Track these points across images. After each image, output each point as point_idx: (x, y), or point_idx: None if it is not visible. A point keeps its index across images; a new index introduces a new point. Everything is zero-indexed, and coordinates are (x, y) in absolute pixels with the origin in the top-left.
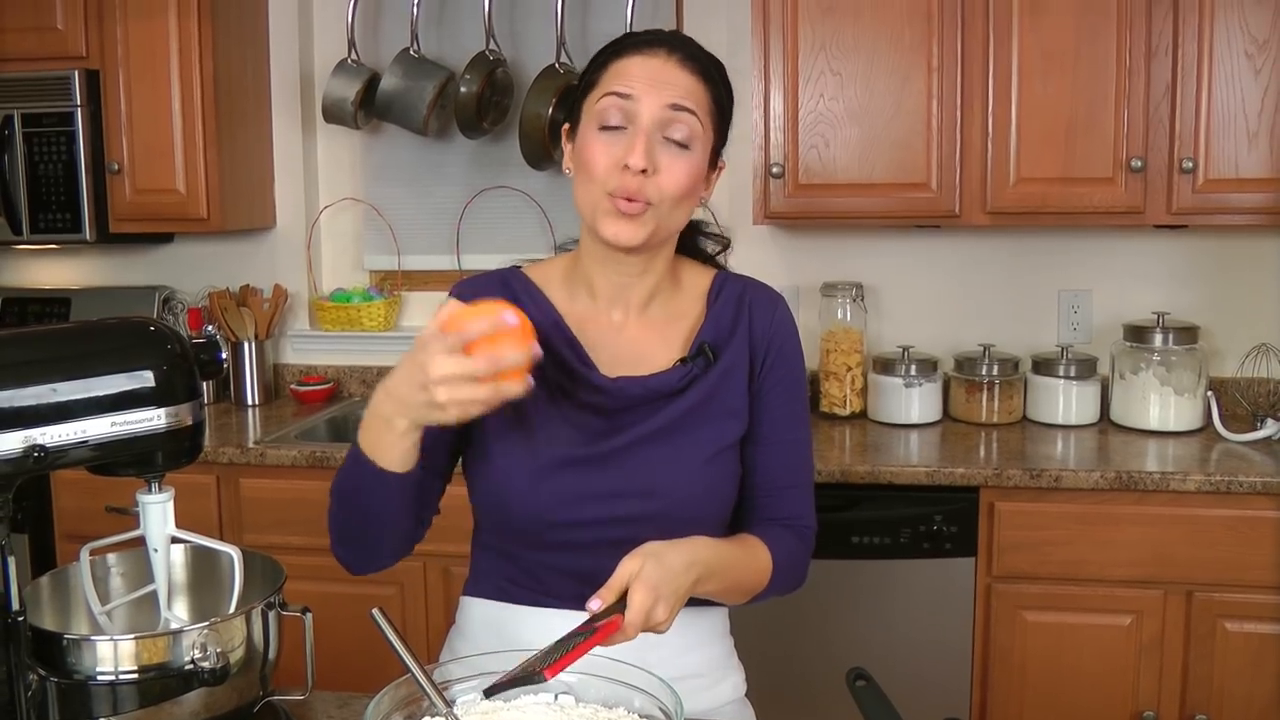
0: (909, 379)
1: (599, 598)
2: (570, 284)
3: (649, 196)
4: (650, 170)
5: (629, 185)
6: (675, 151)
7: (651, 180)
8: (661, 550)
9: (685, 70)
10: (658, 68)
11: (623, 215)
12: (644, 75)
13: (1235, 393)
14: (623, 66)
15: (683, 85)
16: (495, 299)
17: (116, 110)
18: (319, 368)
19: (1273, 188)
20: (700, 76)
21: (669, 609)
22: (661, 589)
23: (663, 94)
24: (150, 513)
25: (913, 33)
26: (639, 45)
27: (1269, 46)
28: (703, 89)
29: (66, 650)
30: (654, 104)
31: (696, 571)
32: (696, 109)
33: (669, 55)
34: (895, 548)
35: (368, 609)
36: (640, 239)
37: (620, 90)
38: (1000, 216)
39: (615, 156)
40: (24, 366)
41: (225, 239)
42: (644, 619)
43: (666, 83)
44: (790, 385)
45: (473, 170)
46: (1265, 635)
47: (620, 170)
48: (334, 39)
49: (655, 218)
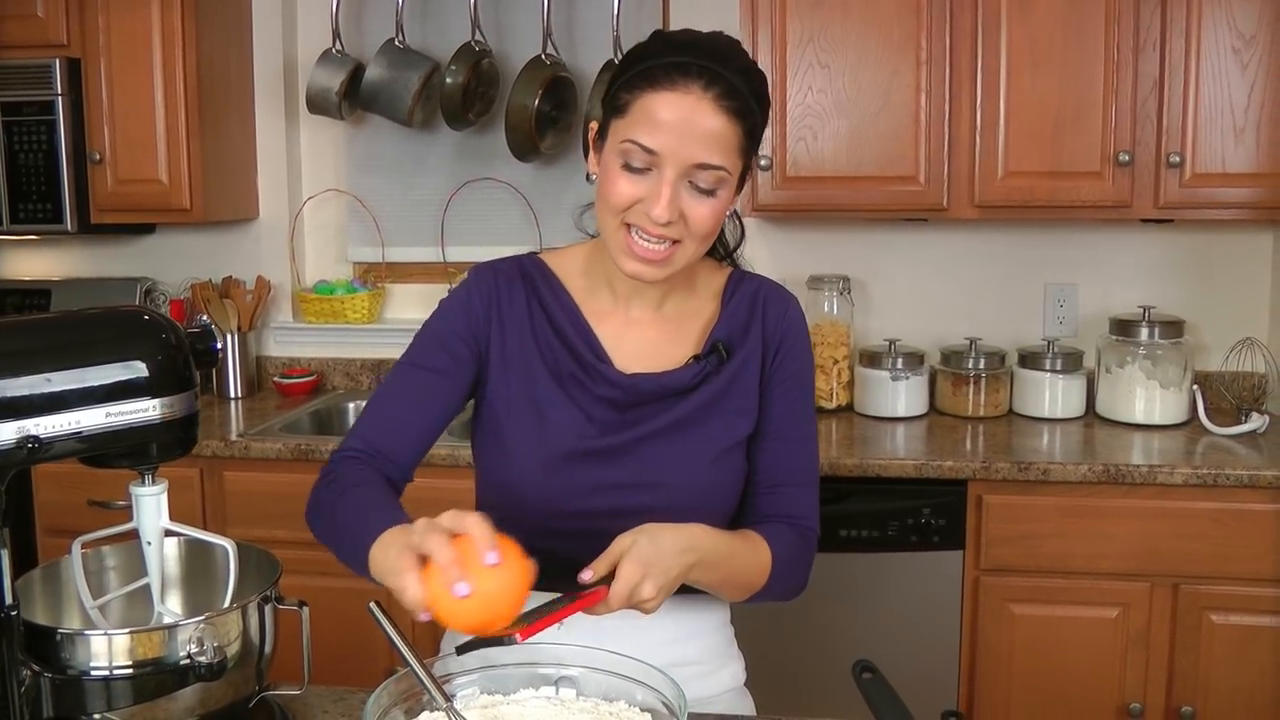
0: (896, 372)
1: (591, 568)
2: (590, 277)
3: (675, 235)
4: (675, 220)
5: (650, 230)
6: (702, 196)
7: (676, 225)
8: (658, 530)
9: (718, 113)
10: (689, 111)
11: (649, 261)
12: (673, 123)
13: (1220, 386)
14: (652, 105)
15: (712, 135)
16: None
17: (98, 99)
18: (302, 360)
19: (1259, 182)
20: (733, 115)
21: (657, 587)
22: (652, 566)
23: (690, 148)
24: (144, 505)
25: (901, 26)
26: (673, 77)
27: (1256, 42)
28: (734, 128)
29: (60, 645)
30: (681, 158)
31: (692, 557)
32: (725, 163)
33: (703, 94)
34: (883, 541)
35: (354, 602)
36: (664, 276)
37: (645, 144)
38: (988, 210)
39: (638, 194)
40: (17, 356)
41: (207, 230)
42: (629, 592)
43: (695, 136)
44: (797, 384)
45: (457, 162)
46: (1251, 627)
47: (642, 212)
48: (317, 29)
49: (681, 256)
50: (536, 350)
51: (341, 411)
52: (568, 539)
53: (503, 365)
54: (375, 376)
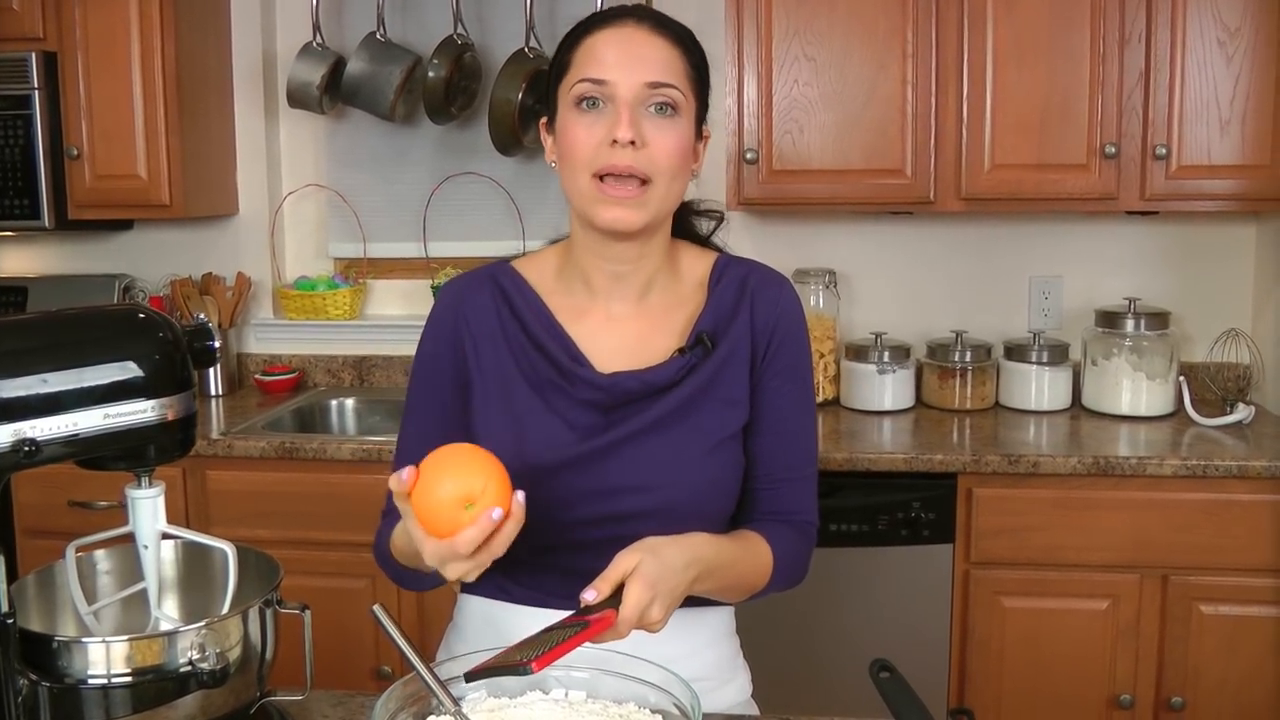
0: (882, 365)
1: (594, 588)
2: (564, 277)
3: (644, 171)
4: (639, 143)
5: (618, 162)
6: (661, 121)
7: (643, 153)
8: (660, 546)
9: (658, 38)
10: (629, 39)
11: (618, 200)
12: (617, 52)
13: (1205, 378)
14: (593, 45)
15: (658, 57)
16: (456, 445)
17: (75, 93)
18: (283, 357)
19: (1244, 174)
20: (674, 42)
21: (664, 608)
22: (659, 586)
23: (638, 71)
24: (140, 508)
25: (887, 19)
26: (606, 20)
27: (1241, 34)
28: (678, 55)
29: (58, 653)
30: (632, 83)
31: (695, 570)
32: (675, 81)
33: (638, 25)
34: (873, 535)
35: (339, 603)
36: (642, 221)
37: (594, 76)
38: (975, 203)
39: (599, 135)
40: (11, 355)
41: (186, 226)
42: (639, 616)
43: (640, 57)
44: (794, 373)
45: (440, 156)
46: (1240, 618)
47: (608, 147)
48: (296, 22)
49: (653, 197)
50: (512, 360)
51: (324, 409)
52: (564, 551)
53: (481, 380)
54: (357, 373)
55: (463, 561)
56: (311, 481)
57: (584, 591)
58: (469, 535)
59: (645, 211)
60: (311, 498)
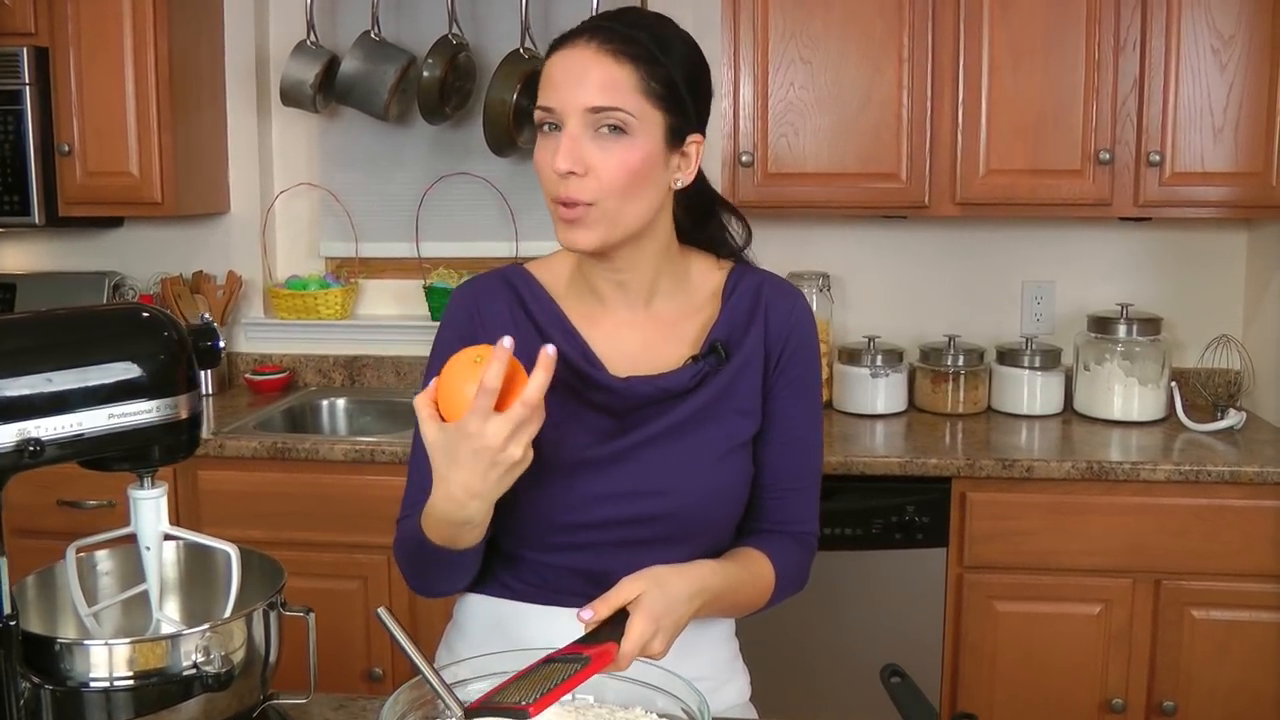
0: (875, 369)
1: (592, 609)
2: (576, 283)
3: (585, 198)
4: (581, 171)
5: (559, 192)
6: (609, 144)
7: (586, 180)
8: (666, 578)
9: (607, 58)
10: (575, 63)
11: (570, 223)
12: (562, 79)
13: (1196, 383)
14: (549, 67)
15: (603, 78)
16: (480, 344)
17: (67, 89)
18: (274, 356)
19: (1236, 181)
20: (629, 58)
21: (667, 641)
22: (663, 621)
23: (579, 95)
24: (143, 509)
25: (884, 23)
26: (564, 39)
27: (1235, 42)
28: (631, 71)
29: (60, 656)
30: (573, 108)
31: (700, 600)
32: (620, 103)
33: (588, 43)
34: (867, 539)
35: (328, 603)
36: (593, 243)
37: (543, 103)
38: (969, 207)
39: (552, 160)
40: (16, 354)
41: (177, 224)
42: (641, 649)
43: (583, 81)
44: (804, 385)
45: (433, 156)
46: (1231, 622)
47: (555, 175)
48: (290, 19)
49: (601, 216)
50: (527, 362)
51: (315, 409)
52: (574, 552)
53: None
54: (348, 373)
55: (505, 424)
56: (304, 482)
57: (581, 611)
58: (494, 372)
59: (596, 232)
60: (304, 498)
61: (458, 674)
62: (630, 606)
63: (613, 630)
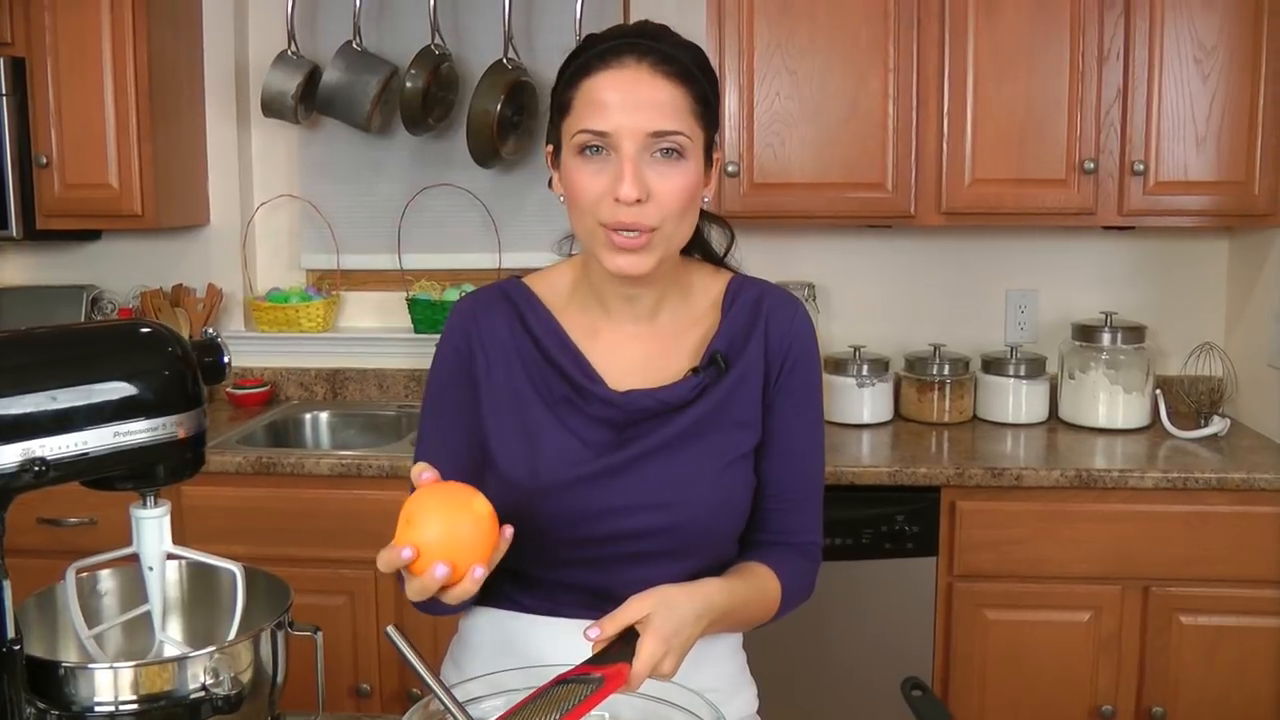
0: (861, 379)
1: (599, 627)
2: (578, 295)
3: (649, 224)
4: (645, 198)
5: (623, 218)
6: (666, 168)
7: (649, 205)
8: (674, 597)
9: (661, 79)
10: (630, 84)
11: (626, 250)
12: (618, 99)
13: (1179, 391)
14: (592, 88)
15: (661, 101)
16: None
17: (45, 100)
18: (255, 370)
19: (1219, 190)
20: (679, 79)
21: (676, 661)
22: (672, 641)
23: (640, 119)
24: (146, 529)
25: (869, 33)
26: (606, 59)
27: (1217, 52)
28: (684, 93)
29: (64, 680)
30: (634, 133)
31: (708, 619)
32: (680, 126)
33: (639, 63)
34: (857, 548)
35: (318, 621)
36: (649, 267)
37: (594, 127)
38: (955, 217)
39: (603, 185)
40: (18, 371)
41: (156, 236)
42: (651, 670)
43: (643, 104)
44: (805, 396)
45: (415, 167)
46: (1220, 628)
47: (611, 201)
48: (269, 30)
49: (661, 241)
50: (526, 377)
51: (298, 423)
52: (575, 566)
53: (493, 396)
54: (330, 386)
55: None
56: (289, 497)
57: (588, 629)
58: (413, 586)
59: (653, 256)
60: (288, 513)
61: (470, 691)
62: (639, 626)
63: (622, 649)
